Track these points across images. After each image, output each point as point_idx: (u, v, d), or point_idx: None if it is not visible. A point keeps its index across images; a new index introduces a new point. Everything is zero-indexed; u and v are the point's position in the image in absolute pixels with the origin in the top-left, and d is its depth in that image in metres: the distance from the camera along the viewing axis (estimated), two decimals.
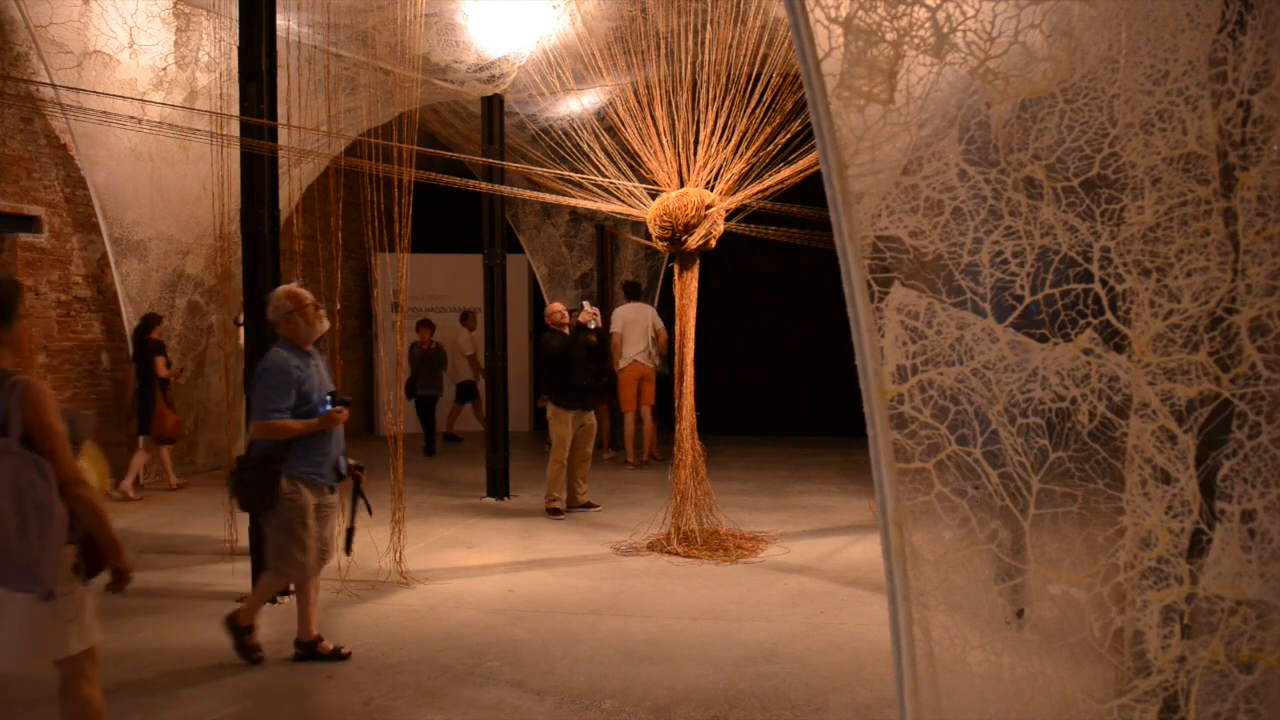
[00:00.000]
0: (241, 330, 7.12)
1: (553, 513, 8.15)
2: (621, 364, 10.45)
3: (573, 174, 7.66)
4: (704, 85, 6.83)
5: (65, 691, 3.20)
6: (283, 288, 4.87)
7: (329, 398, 4.71)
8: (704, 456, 7.23)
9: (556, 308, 8.36)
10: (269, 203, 5.67)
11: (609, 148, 7.44)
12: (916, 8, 2.09)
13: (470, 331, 12.62)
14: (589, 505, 8.31)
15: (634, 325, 10.42)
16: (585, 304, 8.56)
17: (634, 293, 11.06)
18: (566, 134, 7.82)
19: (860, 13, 2.09)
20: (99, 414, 9.18)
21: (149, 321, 8.82)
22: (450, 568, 6.51)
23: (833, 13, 2.08)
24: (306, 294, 4.81)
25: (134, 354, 8.88)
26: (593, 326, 8.17)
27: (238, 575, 6.04)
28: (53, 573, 2.98)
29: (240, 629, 4.72)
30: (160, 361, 8.76)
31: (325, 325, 4.79)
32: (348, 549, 4.95)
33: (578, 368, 8.05)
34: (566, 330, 8.14)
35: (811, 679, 4.41)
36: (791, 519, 7.95)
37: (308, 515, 4.64)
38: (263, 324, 5.69)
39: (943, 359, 2.13)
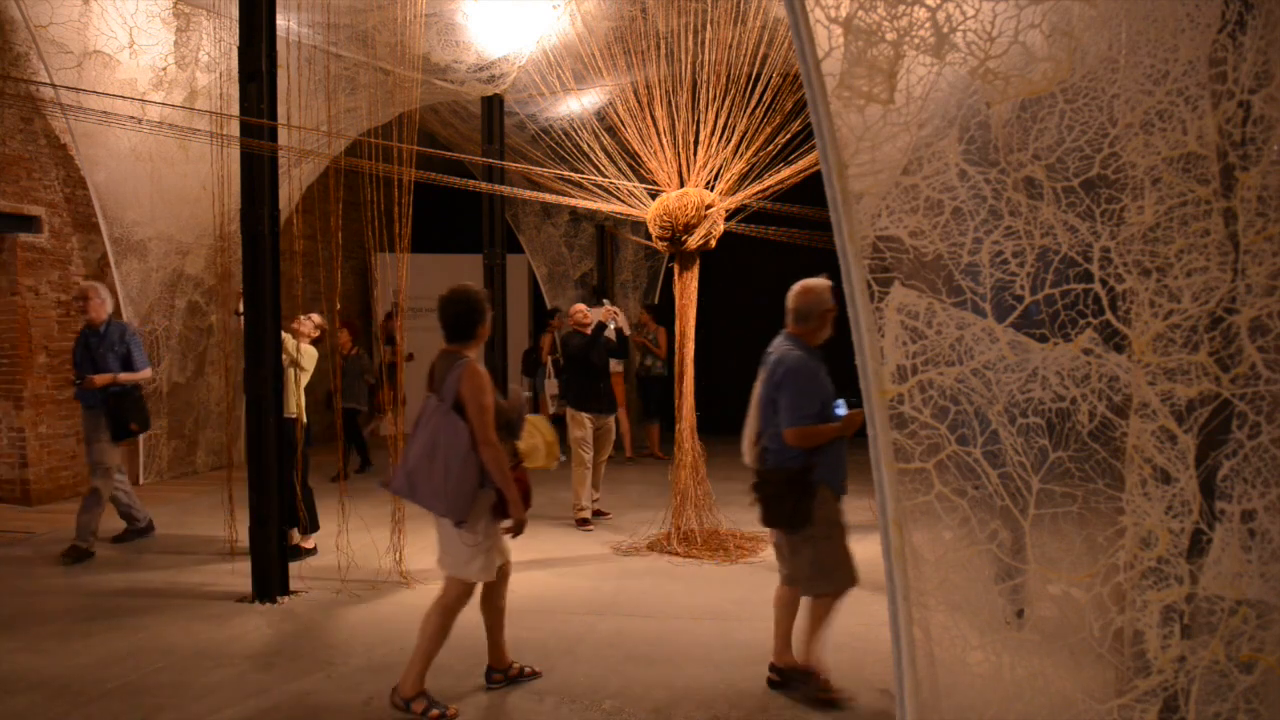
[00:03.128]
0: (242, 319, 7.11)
1: (581, 524, 7.74)
2: None
3: (573, 174, 7.66)
4: (704, 85, 6.83)
5: (434, 602, 4.13)
6: (824, 281, 4.32)
7: (841, 400, 4.28)
8: (704, 456, 7.23)
9: (580, 309, 8.28)
10: (269, 203, 5.66)
11: (609, 148, 7.43)
12: (916, 8, 2.09)
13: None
14: (600, 513, 8.07)
15: None
16: (605, 302, 8.50)
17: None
18: (566, 134, 7.81)
19: (860, 13, 2.09)
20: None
21: (388, 316, 10.74)
22: None
23: (833, 13, 2.08)
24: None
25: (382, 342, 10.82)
26: (613, 326, 8.02)
27: (238, 575, 6.03)
28: (459, 505, 3.89)
29: (795, 673, 4.28)
30: (387, 351, 10.60)
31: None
32: None
33: (596, 370, 7.94)
34: (588, 331, 8.05)
35: None
36: None
37: (844, 522, 4.26)
38: (263, 321, 5.70)
39: (943, 359, 2.13)
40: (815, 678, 4.19)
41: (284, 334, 6.25)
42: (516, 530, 4.04)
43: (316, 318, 7.01)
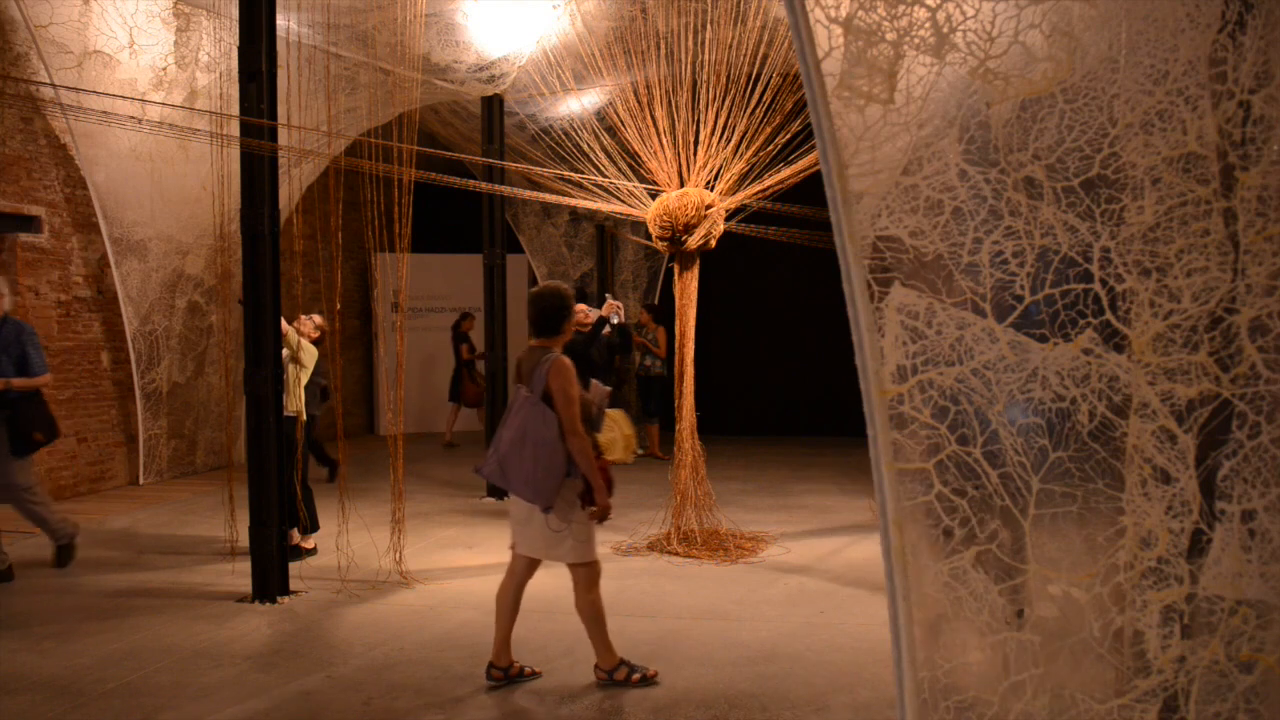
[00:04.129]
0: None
1: None
2: None
3: (573, 174, 7.66)
4: (704, 85, 6.82)
5: (575, 595, 4.35)
6: None
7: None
8: (704, 456, 7.23)
9: (580, 308, 8.29)
10: (269, 203, 5.66)
11: (609, 148, 7.43)
12: (916, 8, 2.09)
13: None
14: None
15: None
16: (608, 296, 8.48)
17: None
18: (566, 134, 7.81)
19: (860, 13, 2.08)
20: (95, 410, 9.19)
21: (462, 317, 12.15)
22: (450, 568, 6.51)
23: (833, 13, 2.08)
24: None
25: (452, 340, 12.17)
26: (614, 321, 7.97)
27: (238, 575, 6.03)
28: (548, 492, 4.09)
29: None
30: (464, 348, 11.97)
31: None
32: None
33: (596, 367, 7.91)
34: (588, 330, 8.05)
35: (811, 679, 4.41)
36: (791, 519, 7.95)
37: None
38: (263, 321, 5.70)
39: (943, 359, 2.13)
40: None
41: (288, 325, 6.25)
42: (602, 516, 4.25)
43: (317, 318, 7.00)
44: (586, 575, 4.31)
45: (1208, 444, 2.04)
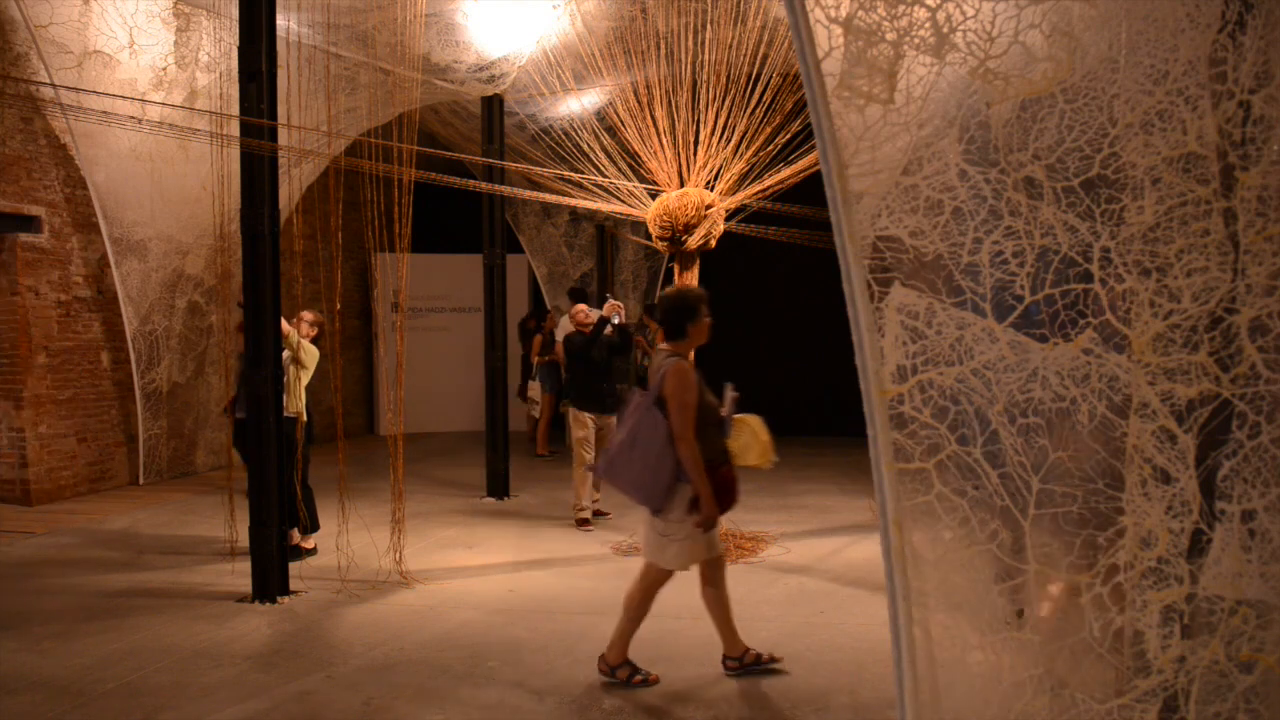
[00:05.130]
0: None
1: (581, 524, 7.71)
2: None
3: (573, 174, 7.66)
4: (704, 85, 6.82)
5: (633, 584, 4.42)
6: None
7: None
8: None
9: (580, 308, 8.28)
10: (269, 203, 5.66)
11: (609, 148, 7.43)
12: (916, 8, 2.09)
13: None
14: (600, 514, 8.01)
15: None
16: (609, 296, 8.47)
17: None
18: (566, 134, 7.81)
19: (860, 13, 2.09)
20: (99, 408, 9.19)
21: (527, 316, 12.32)
22: (450, 568, 6.51)
23: (833, 13, 2.08)
24: None
25: (520, 338, 12.23)
26: (615, 321, 7.94)
27: (238, 575, 6.03)
28: (655, 495, 4.17)
29: None
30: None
31: None
32: None
33: (597, 368, 7.91)
34: (589, 330, 8.05)
35: (811, 679, 4.41)
36: (791, 519, 7.94)
37: None
38: (263, 321, 5.70)
39: (943, 359, 2.13)
40: None
41: (288, 325, 6.24)
42: (707, 525, 4.23)
43: (308, 315, 6.94)
44: (658, 576, 4.35)
45: (1208, 444, 2.04)
